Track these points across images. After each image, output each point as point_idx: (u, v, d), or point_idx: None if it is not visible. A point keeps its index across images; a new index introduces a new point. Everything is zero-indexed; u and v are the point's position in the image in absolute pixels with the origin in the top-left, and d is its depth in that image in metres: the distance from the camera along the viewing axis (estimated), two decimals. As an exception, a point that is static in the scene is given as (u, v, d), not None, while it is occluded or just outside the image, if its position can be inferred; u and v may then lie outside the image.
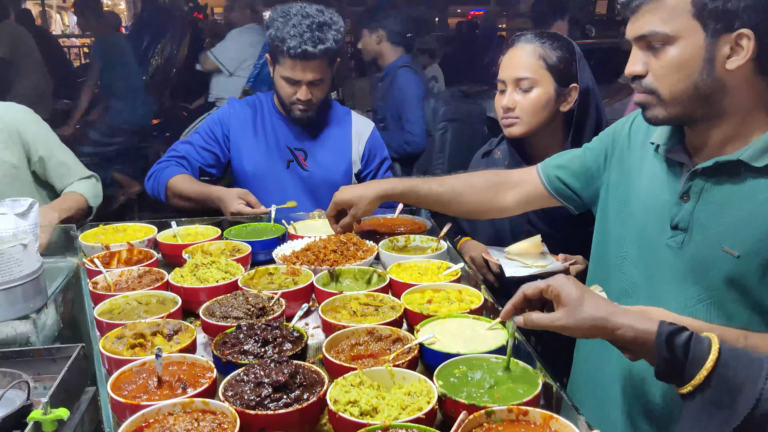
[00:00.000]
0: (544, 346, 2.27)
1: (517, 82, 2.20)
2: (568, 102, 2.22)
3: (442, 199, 2.14)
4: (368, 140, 2.90)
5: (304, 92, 2.65)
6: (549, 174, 2.00)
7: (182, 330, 1.65)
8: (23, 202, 2.10)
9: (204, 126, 2.85)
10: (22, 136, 2.60)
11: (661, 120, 1.56)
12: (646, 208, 1.70)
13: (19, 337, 1.86)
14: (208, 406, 1.31)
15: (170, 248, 2.26)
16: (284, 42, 2.55)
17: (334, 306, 1.82)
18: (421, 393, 1.38)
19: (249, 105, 2.87)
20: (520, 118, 2.21)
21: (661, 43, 1.50)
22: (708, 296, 1.55)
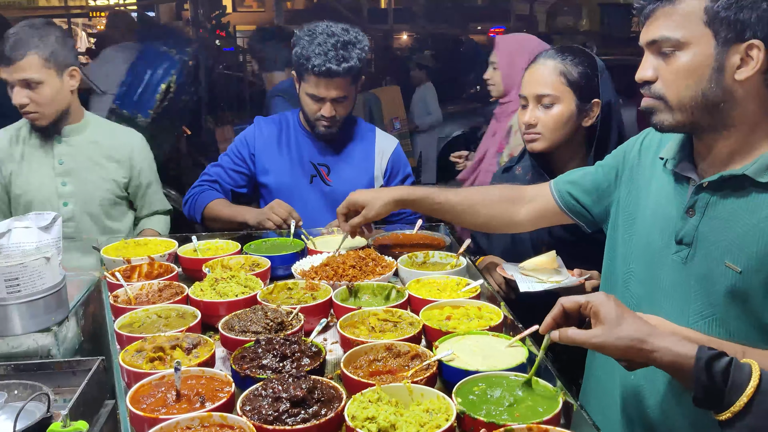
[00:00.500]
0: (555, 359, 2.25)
1: (538, 99, 2.21)
2: (590, 117, 2.23)
3: (457, 209, 2.14)
4: (391, 156, 2.92)
5: (328, 109, 2.69)
6: (561, 190, 2.00)
7: (201, 344, 1.65)
8: (47, 216, 2.13)
9: (232, 147, 2.93)
10: (132, 161, 2.88)
11: (667, 126, 1.56)
12: (652, 223, 1.69)
13: (41, 350, 1.88)
14: (226, 421, 1.31)
15: (191, 262, 2.27)
16: (309, 60, 2.60)
17: (352, 321, 1.82)
18: (440, 410, 1.37)
19: (274, 122, 2.94)
20: (541, 134, 2.23)
21: (671, 48, 1.50)
22: (710, 312, 1.54)
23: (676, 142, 1.67)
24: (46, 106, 2.65)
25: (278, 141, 2.88)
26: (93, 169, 2.81)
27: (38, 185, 2.76)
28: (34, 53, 2.57)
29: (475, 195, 2.15)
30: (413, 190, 2.21)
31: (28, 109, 2.63)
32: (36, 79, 2.59)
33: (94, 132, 2.85)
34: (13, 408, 1.46)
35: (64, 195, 2.77)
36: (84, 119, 2.85)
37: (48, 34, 2.62)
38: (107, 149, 2.84)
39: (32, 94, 2.61)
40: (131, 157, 2.88)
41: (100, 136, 2.86)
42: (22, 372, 1.64)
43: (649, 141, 1.81)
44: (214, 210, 2.76)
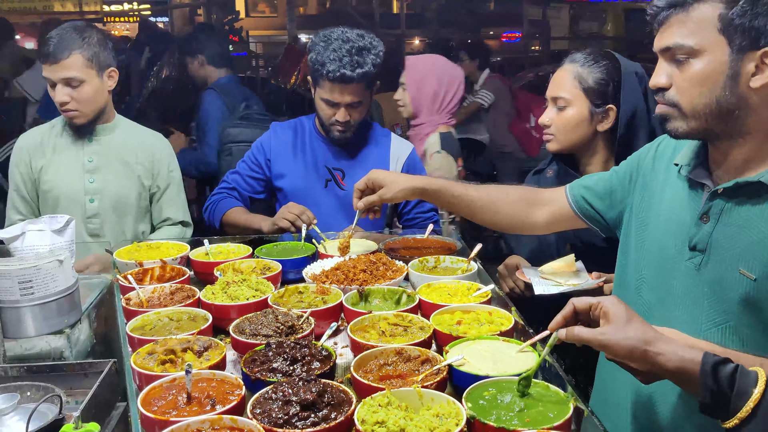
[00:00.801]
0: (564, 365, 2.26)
1: (554, 101, 2.29)
2: (606, 122, 2.26)
3: (476, 204, 2.13)
4: (406, 161, 2.94)
5: (342, 114, 2.71)
6: (575, 194, 2.00)
7: (212, 347, 1.66)
8: (60, 219, 2.15)
9: (249, 154, 2.98)
10: (153, 163, 2.93)
11: (681, 133, 1.56)
12: (665, 229, 1.69)
13: (53, 352, 1.89)
14: (236, 424, 1.32)
15: (202, 266, 2.28)
16: (324, 66, 2.62)
17: (363, 326, 1.82)
18: (450, 415, 1.37)
19: (290, 127, 2.97)
20: (554, 135, 2.30)
21: (685, 55, 1.50)
22: (723, 319, 1.53)
23: (691, 149, 1.67)
24: (86, 105, 2.73)
25: (293, 146, 2.91)
26: (120, 168, 2.86)
27: (67, 181, 2.81)
28: (78, 53, 2.66)
29: (496, 192, 2.14)
30: (433, 181, 2.21)
31: (68, 107, 2.71)
32: (78, 78, 2.67)
33: (123, 133, 2.92)
34: (26, 409, 1.47)
35: (90, 191, 2.82)
36: (115, 120, 2.92)
37: (90, 36, 2.71)
38: (134, 150, 2.90)
39: (74, 93, 2.69)
40: (153, 158, 2.93)
41: (128, 137, 2.92)
42: (35, 374, 1.66)
43: (664, 147, 1.80)
44: (231, 217, 2.82)
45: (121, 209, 2.86)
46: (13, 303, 1.79)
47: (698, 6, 1.48)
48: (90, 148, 2.84)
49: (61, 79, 2.66)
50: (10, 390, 1.55)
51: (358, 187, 2.28)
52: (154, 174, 2.94)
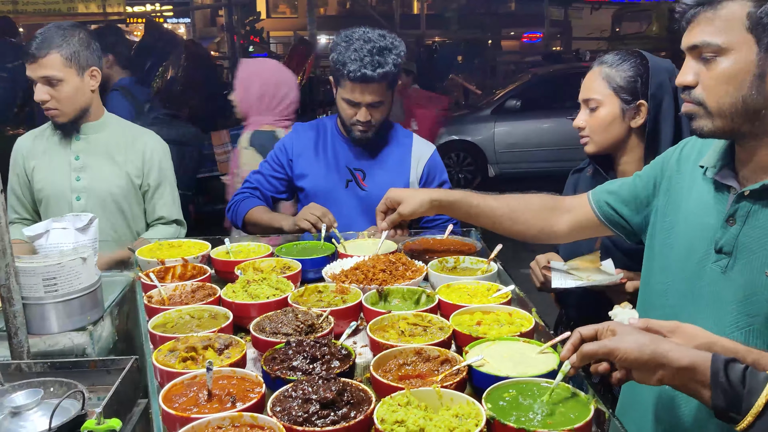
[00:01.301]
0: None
1: (586, 103, 2.30)
2: (638, 118, 2.26)
3: (496, 213, 2.12)
4: (428, 162, 2.92)
5: (363, 114, 2.71)
6: (599, 200, 1.98)
7: (233, 345, 1.67)
8: (83, 217, 2.18)
9: (272, 154, 2.99)
10: (144, 160, 2.93)
11: (707, 132, 1.54)
12: (691, 232, 1.67)
13: (76, 348, 1.91)
14: (257, 421, 1.32)
15: (223, 264, 2.30)
16: (345, 66, 2.62)
17: (382, 325, 1.82)
18: (470, 415, 1.36)
19: (312, 128, 2.97)
20: (589, 137, 2.31)
21: (713, 54, 1.49)
22: (747, 323, 1.51)
23: (717, 150, 1.65)
24: (66, 104, 2.74)
25: (315, 146, 2.91)
26: (107, 165, 2.87)
27: (54, 180, 2.84)
28: (56, 52, 2.67)
29: (515, 201, 2.13)
30: (450, 193, 2.21)
31: (48, 105, 2.73)
32: (57, 77, 2.68)
33: (112, 131, 2.92)
34: (49, 405, 1.49)
35: (77, 189, 2.83)
36: (103, 118, 2.92)
37: (71, 36, 2.71)
38: (123, 147, 2.91)
39: (53, 92, 2.71)
40: (144, 155, 2.93)
41: (116, 134, 2.92)
42: (58, 370, 1.68)
43: (689, 150, 1.79)
44: (254, 217, 2.82)
45: (109, 207, 2.85)
46: (38, 300, 1.81)
47: (727, 4, 1.47)
48: (77, 146, 2.85)
49: (40, 77, 2.68)
50: (33, 385, 1.57)
51: (380, 209, 2.31)
52: (145, 172, 2.93)
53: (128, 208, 2.92)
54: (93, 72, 2.79)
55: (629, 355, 1.36)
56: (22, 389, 1.54)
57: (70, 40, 2.70)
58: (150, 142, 2.98)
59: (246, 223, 2.85)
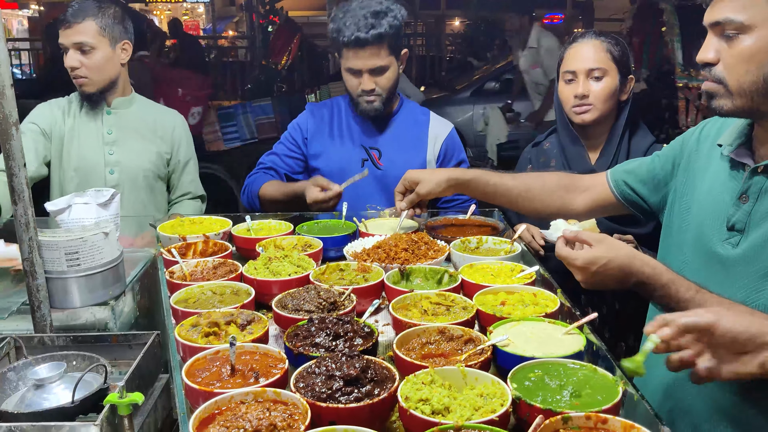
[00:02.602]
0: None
1: (589, 72, 2.40)
2: (625, 92, 2.47)
3: (512, 192, 2.12)
4: (445, 141, 2.88)
5: (366, 81, 2.66)
6: (617, 179, 1.98)
7: (255, 321, 1.66)
8: (105, 192, 2.17)
9: (286, 134, 2.96)
10: (173, 138, 3.01)
11: (726, 111, 1.53)
12: (705, 210, 1.67)
13: (98, 323, 1.92)
14: (280, 397, 1.31)
15: (244, 241, 2.29)
16: (341, 32, 2.60)
17: (404, 304, 1.80)
18: (494, 395, 1.34)
19: (326, 107, 2.94)
20: (593, 105, 2.41)
21: (735, 31, 1.47)
22: (759, 298, 1.50)
23: (736, 129, 1.64)
24: (96, 73, 2.77)
25: (330, 125, 2.88)
26: (139, 141, 2.92)
27: (87, 153, 2.86)
28: (91, 20, 2.73)
29: (532, 180, 2.14)
30: (467, 171, 2.21)
31: (78, 73, 2.76)
32: (89, 44, 2.72)
33: (140, 108, 2.98)
34: (72, 378, 1.50)
35: (110, 163, 2.87)
36: (132, 95, 2.98)
37: (107, 8, 2.78)
38: (152, 124, 2.96)
39: (84, 59, 2.74)
40: (173, 134, 2.99)
41: (145, 112, 2.98)
42: (81, 344, 1.68)
43: (709, 129, 1.78)
44: (268, 191, 2.79)
45: (139, 182, 2.90)
46: (60, 274, 1.82)
47: None
48: (108, 120, 2.89)
49: (72, 43, 2.72)
50: (56, 359, 1.58)
51: (398, 190, 2.30)
52: (174, 149, 2.99)
53: (156, 184, 2.97)
54: (125, 45, 2.83)
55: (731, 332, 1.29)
56: (45, 362, 1.55)
57: (106, 12, 2.76)
58: (177, 120, 3.05)
59: (262, 200, 2.82)
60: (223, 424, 1.23)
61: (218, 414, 1.28)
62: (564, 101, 2.49)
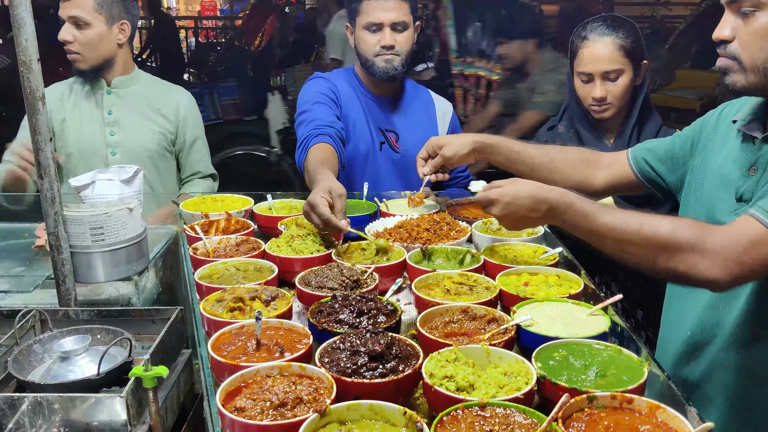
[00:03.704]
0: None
1: (605, 75, 2.42)
2: (640, 76, 2.48)
3: (535, 161, 2.11)
4: (450, 121, 2.87)
5: (387, 35, 2.56)
6: (637, 157, 1.99)
7: (279, 297, 1.66)
8: (128, 169, 2.18)
9: (319, 94, 2.64)
10: (178, 116, 2.95)
11: (739, 88, 1.55)
12: (716, 184, 1.69)
13: (122, 298, 1.93)
14: (305, 371, 1.32)
15: (266, 219, 2.29)
16: None
17: (427, 283, 1.80)
18: (519, 374, 1.34)
19: (342, 77, 2.77)
20: (611, 104, 2.45)
21: (752, 8, 1.48)
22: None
23: (750, 106, 1.66)
24: (88, 49, 2.74)
25: (351, 104, 2.73)
26: (141, 120, 2.87)
27: (88, 134, 2.84)
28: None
29: (555, 152, 2.14)
30: (491, 136, 2.19)
31: (70, 47, 2.74)
32: (84, 20, 2.70)
33: (143, 86, 2.94)
34: (96, 351, 1.51)
35: (111, 144, 2.84)
36: (134, 73, 2.93)
37: None
38: (156, 103, 2.91)
39: (77, 34, 2.72)
40: (177, 112, 2.93)
41: (148, 90, 2.94)
42: (105, 318, 1.70)
43: (728, 111, 1.79)
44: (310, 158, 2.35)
45: (143, 162, 2.84)
46: (85, 248, 1.83)
47: None
48: (109, 101, 2.86)
49: (68, 17, 2.69)
50: (81, 332, 1.59)
51: (421, 156, 2.28)
52: (179, 127, 2.94)
53: (162, 163, 2.93)
54: (122, 25, 2.78)
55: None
56: (69, 335, 1.56)
57: None
58: (183, 98, 2.99)
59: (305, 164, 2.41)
60: (249, 397, 1.23)
61: (244, 387, 1.28)
62: (582, 99, 2.50)
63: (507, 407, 1.22)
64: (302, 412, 1.20)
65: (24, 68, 1.63)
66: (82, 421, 1.34)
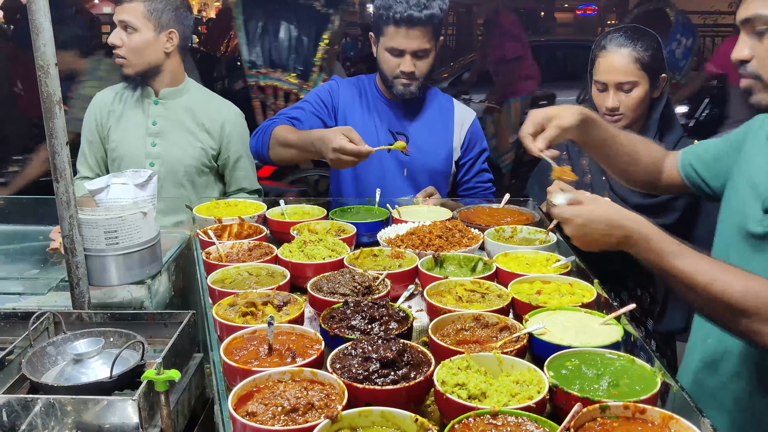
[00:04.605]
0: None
1: (619, 86, 2.42)
2: (658, 89, 2.48)
3: (622, 149, 2.02)
4: (469, 129, 2.85)
5: (408, 63, 2.60)
6: (684, 159, 1.99)
7: (291, 302, 1.67)
8: (143, 173, 2.19)
9: (312, 96, 2.84)
10: (223, 132, 2.90)
11: (765, 107, 1.53)
12: (747, 192, 1.67)
13: (134, 301, 1.94)
14: (317, 377, 1.32)
15: (278, 225, 2.30)
16: (390, 9, 2.54)
17: (439, 290, 1.80)
18: (531, 382, 1.33)
19: (354, 85, 2.86)
20: (623, 115, 2.45)
21: (766, 27, 1.48)
22: None
23: None
24: (134, 55, 2.75)
25: (358, 105, 2.80)
26: (183, 134, 2.86)
27: (130, 143, 2.85)
28: (140, 2, 2.72)
29: (642, 145, 2.06)
30: (592, 111, 2.03)
31: (117, 51, 2.76)
32: (133, 25, 2.71)
33: (191, 98, 2.92)
34: (109, 354, 1.52)
35: (151, 155, 2.83)
36: (184, 84, 2.92)
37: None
38: (201, 117, 2.88)
39: (125, 38, 2.74)
40: (222, 128, 2.90)
41: (196, 103, 2.91)
42: (118, 321, 1.71)
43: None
44: (281, 133, 2.61)
45: (180, 176, 2.84)
46: (99, 252, 1.84)
47: None
48: (155, 111, 2.85)
49: (119, 21, 2.72)
50: (94, 335, 1.60)
51: (528, 131, 1.92)
52: (224, 146, 2.90)
53: (198, 179, 2.90)
54: (171, 34, 2.78)
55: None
56: (83, 338, 1.57)
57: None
58: (231, 115, 2.95)
59: (272, 143, 2.63)
60: (261, 401, 1.23)
61: (256, 392, 1.29)
62: (597, 107, 2.50)
63: (519, 416, 1.22)
64: (313, 417, 1.20)
65: (42, 72, 1.65)
66: (94, 424, 1.35)
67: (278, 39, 4.92)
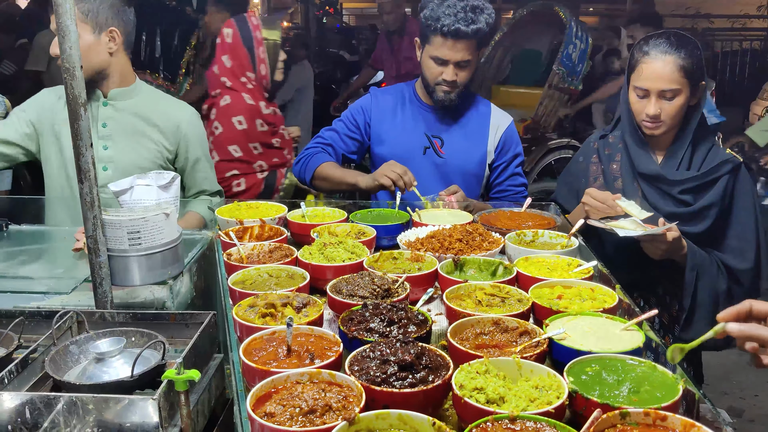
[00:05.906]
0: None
1: (661, 93, 2.36)
2: (696, 96, 2.42)
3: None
4: (504, 132, 2.90)
5: (450, 72, 2.68)
6: None
7: (310, 304, 1.67)
8: (166, 175, 2.21)
9: (347, 114, 2.97)
10: (179, 134, 2.75)
11: None
12: None
13: (156, 302, 1.96)
14: (335, 379, 1.32)
15: (299, 227, 2.31)
16: (438, 20, 2.61)
17: (458, 294, 1.79)
18: (550, 387, 1.32)
19: (390, 93, 2.96)
20: (663, 122, 2.39)
21: None
22: None
23: None
24: None
25: (393, 111, 2.91)
26: (136, 136, 2.69)
27: None
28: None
29: None
30: None
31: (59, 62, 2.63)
32: None
33: (142, 99, 2.75)
34: (131, 353, 1.53)
35: (103, 159, 2.65)
36: (134, 85, 2.74)
37: None
38: (154, 118, 2.72)
39: None
40: (179, 129, 2.74)
41: (148, 105, 2.74)
42: (139, 321, 1.72)
43: None
44: (325, 170, 2.80)
45: None
46: (122, 252, 1.86)
47: None
48: (104, 113, 2.67)
49: (54, 29, 2.52)
50: (116, 334, 1.61)
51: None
52: (180, 145, 2.76)
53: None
54: (112, 32, 2.56)
55: None
56: (105, 337, 1.58)
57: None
58: (186, 115, 2.79)
59: (315, 177, 2.84)
60: (279, 402, 1.24)
61: (275, 392, 1.29)
62: (635, 113, 2.44)
63: (537, 421, 1.21)
64: (331, 419, 1.20)
65: (68, 75, 1.67)
66: (115, 422, 1.36)
67: (148, 41, 4.97)
